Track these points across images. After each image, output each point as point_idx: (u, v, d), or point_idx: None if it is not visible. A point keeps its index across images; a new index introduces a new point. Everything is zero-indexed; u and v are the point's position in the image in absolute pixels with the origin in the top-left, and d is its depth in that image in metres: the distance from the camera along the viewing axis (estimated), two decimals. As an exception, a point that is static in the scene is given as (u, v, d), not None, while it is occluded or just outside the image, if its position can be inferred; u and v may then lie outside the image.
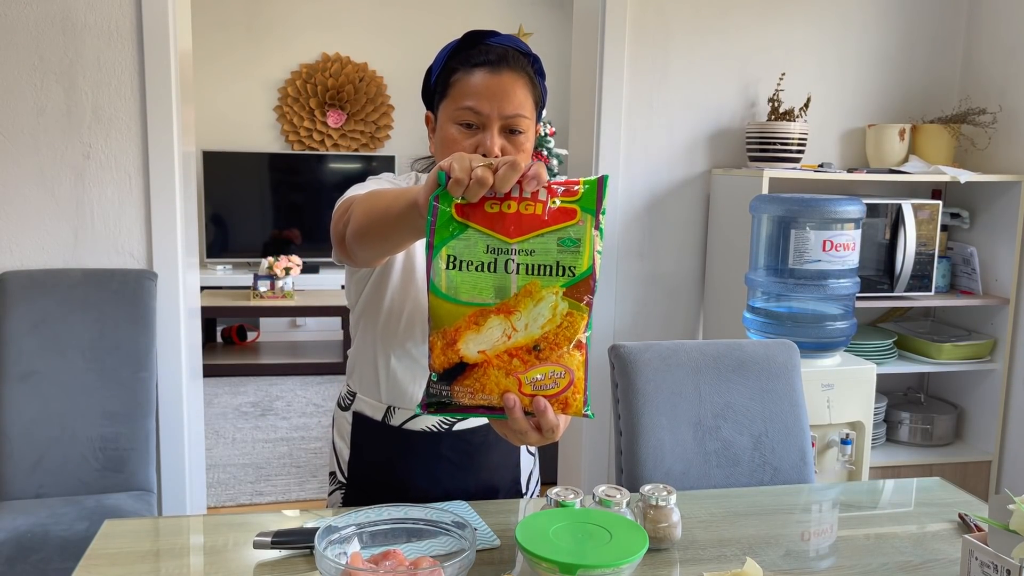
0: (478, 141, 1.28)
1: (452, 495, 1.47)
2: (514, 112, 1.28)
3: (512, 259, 0.90)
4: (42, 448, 2.27)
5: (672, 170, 2.94)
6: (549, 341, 0.91)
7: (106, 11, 2.43)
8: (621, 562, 1.10)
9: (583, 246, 0.89)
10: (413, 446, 1.43)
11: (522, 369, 0.92)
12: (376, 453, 1.45)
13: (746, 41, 2.94)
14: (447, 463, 1.44)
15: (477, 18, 5.98)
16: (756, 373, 1.85)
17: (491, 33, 1.33)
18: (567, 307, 0.90)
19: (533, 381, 0.92)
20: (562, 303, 0.90)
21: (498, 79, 1.26)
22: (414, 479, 1.44)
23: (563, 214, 0.90)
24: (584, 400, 0.93)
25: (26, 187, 2.45)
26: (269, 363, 5.28)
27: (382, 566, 1.10)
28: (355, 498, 1.49)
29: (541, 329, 0.91)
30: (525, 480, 1.57)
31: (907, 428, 3.04)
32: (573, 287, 0.89)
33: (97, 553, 1.25)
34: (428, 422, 1.43)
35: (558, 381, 0.92)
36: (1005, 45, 2.95)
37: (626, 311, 2.96)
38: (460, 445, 1.44)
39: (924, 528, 1.43)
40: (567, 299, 0.90)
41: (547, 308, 0.90)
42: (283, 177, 5.77)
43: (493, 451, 1.48)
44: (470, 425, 1.45)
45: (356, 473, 1.48)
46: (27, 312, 2.33)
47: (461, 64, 1.29)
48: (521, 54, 1.32)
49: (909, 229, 2.78)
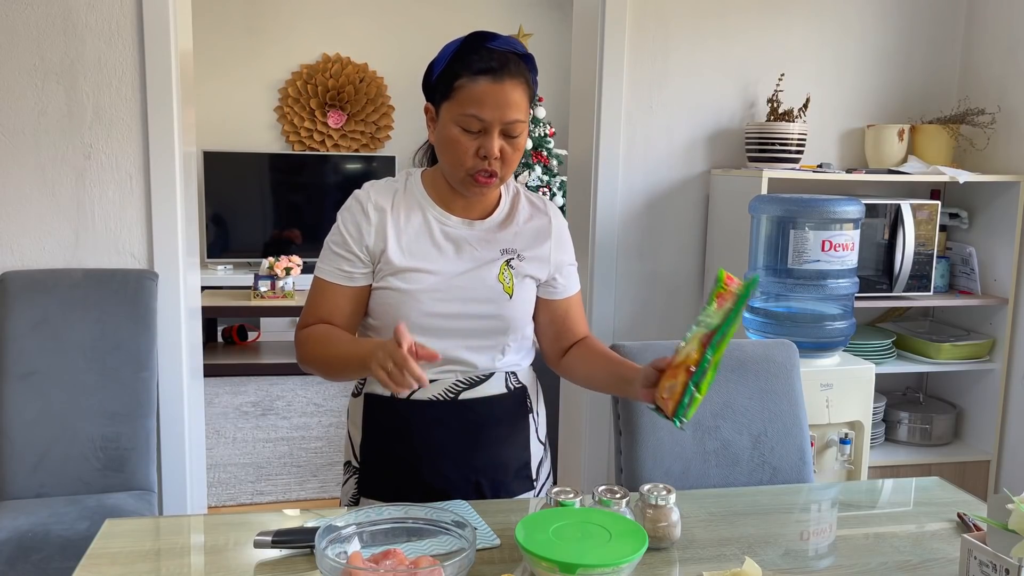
0: (479, 144, 1.39)
1: (461, 468, 1.51)
2: (513, 118, 1.38)
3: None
4: (43, 448, 2.27)
5: (671, 170, 2.94)
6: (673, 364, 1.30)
7: (107, 12, 2.43)
8: (621, 561, 1.10)
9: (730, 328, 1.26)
10: (422, 416, 1.49)
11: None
12: (387, 429, 1.52)
13: (745, 41, 2.94)
14: (454, 433, 1.50)
15: (477, 18, 5.98)
16: (755, 373, 1.86)
17: (493, 36, 1.41)
18: (696, 346, 1.28)
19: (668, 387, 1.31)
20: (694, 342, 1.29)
21: (500, 87, 1.37)
22: (423, 451, 1.50)
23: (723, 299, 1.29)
24: (673, 409, 1.28)
25: (27, 187, 2.46)
26: (270, 363, 5.28)
27: (382, 565, 1.10)
28: (368, 479, 1.54)
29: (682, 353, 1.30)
30: (535, 466, 1.60)
31: (906, 428, 3.04)
32: (707, 335, 1.27)
33: (98, 552, 1.26)
34: (433, 391, 1.49)
35: (672, 390, 1.29)
36: (1004, 45, 2.96)
37: (626, 311, 2.96)
38: (466, 414, 1.50)
39: (923, 527, 1.43)
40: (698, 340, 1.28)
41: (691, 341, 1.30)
42: (283, 177, 5.77)
43: (500, 427, 1.54)
44: (474, 395, 1.50)
45: (368, 453, 1.54)
46: (28, 312, 2.33)
47: (465, 69, 1.38)
48: (519, 57, 1.41)
49: (908, 229, 2.78)
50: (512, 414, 1.55)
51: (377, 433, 1.53)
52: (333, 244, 1.49)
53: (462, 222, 1.49)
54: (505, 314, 1.48)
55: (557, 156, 5.53)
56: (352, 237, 1.47)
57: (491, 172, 1.40)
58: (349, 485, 1.57)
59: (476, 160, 1.39)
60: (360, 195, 1.49)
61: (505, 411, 1.54)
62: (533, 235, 1.53)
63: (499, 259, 1.49)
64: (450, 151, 1.40)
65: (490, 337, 1.49)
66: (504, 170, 1.41)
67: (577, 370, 1.58)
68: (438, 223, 1.48)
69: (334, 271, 1.48)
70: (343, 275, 1.48)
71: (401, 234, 1.46)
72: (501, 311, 1.47)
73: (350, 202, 1.49)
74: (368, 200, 1.47)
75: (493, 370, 1.52)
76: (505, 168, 1.41)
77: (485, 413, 1.52)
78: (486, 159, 1.38)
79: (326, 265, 1.49)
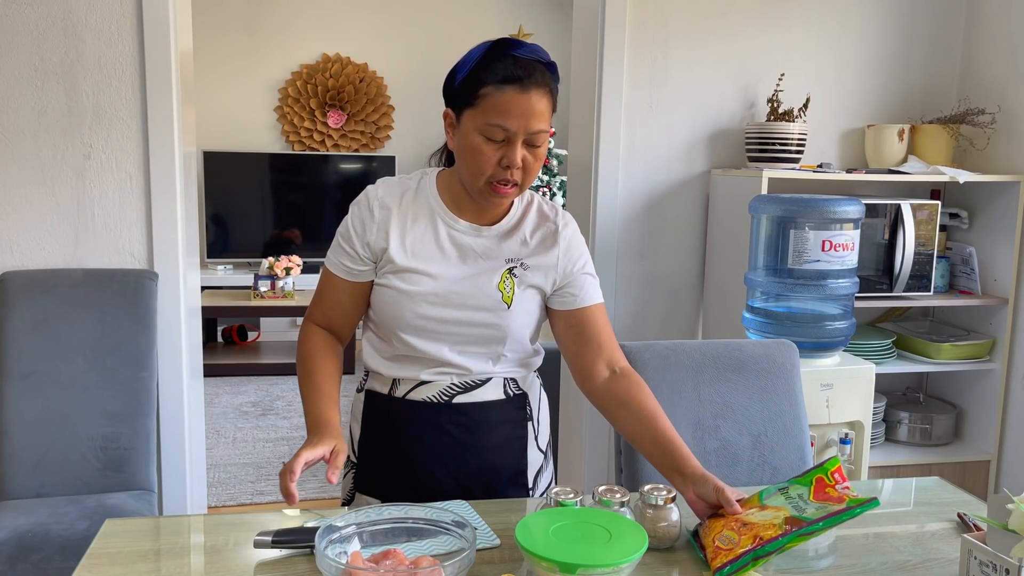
0: (503, 153, 1.37)
1: (453, 472, 1.50)
2: (537, 128, 1.36)
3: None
4: (43, 448, 2.27)
5: (672, 170, 2.94)
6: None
7: (107, 11, 2.43)
8: (621, 562, 1.10)
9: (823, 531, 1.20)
10: (417, 417, 1.49)
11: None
12: (384, 427, 1.52)
13: (745, 42, 2.94)
14: (448, 436, 1.49)
15: (477, 19, 5.99)
16: (755, 373, 1.86)
17: (519, 43, 1.38)
18: (777, 517, 1.24)
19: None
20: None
21: (527, 98, 1.34)
22: (418, 452, 1.50)
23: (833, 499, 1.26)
24: (720, 565, 1.20)
25: (27, 187, 2.46)
26: (270, 363, 5.29)
27: (382, 565, 1.10)
28: (364, 475, 1.55)
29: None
30: (533, 476, 1.57)
31: (906, 428, 3.04)
32: (795, 519, 1.21)
33: (98, 552, 1.26)
34: (429, 392, 1.49)
35: (730, 542, 1.23)
36: (1004, 45, 2.96)
37: (626, 311, 2.96)
38: (459, 419, 1.50)
39: (923, 527, 1.43)
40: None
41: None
42: (283, 177, 5.77)
43: (494, 433, 1.52)
44: (469, 399, 1.50)
45: (366, 449, 1.55)
46: (28, 312, 2.33)
47: (490, 77, 1.35)
48: (544, 66, 1.38)
49: (908, 229, 2.78)
50: (509, 420, 1.53)
51: (374, 430, 1.54)
52: (340, 237, 1.50)
53: (470, 227, 1.47)
54: (502, 323, 1.46)
55: (557, 156, 5.53)
56: (356, 233, 1.47)
57: (512, 182, 1.38)
58: (347, 480, 1.59)
59: (497, 169, 1.37)
60: (369, 191, 1.49)
61: (501, 417, 1.52)
62: (539, 243, 1.50)
63: (502, 267, 1.47)
64: (472, 159, 1.38)
65: (485, 344, 1.47)
66: (524, 179, 1.40)
67: (619, 420, 1.48)
68: (445, 226, 1.47)
69: (337, 264, 1.50)
70: (344, 269, 1.49)
71: (406, 234, 1.46)
72: (498, 319, 1.46)
73: (360, 197, 1.50)
74: (375, 197, 1.47)
75: (490, 375, 1.50)
76: (526, 178, 1.39)
77: (479, 418, 1.50)
78: (508, 168, 1.36)
79: (332, 256, 1.51)
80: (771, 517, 1.22)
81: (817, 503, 1.23)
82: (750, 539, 1.19)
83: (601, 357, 1.52)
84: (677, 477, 1.36)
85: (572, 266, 1.52)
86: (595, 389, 1.52)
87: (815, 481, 1.28)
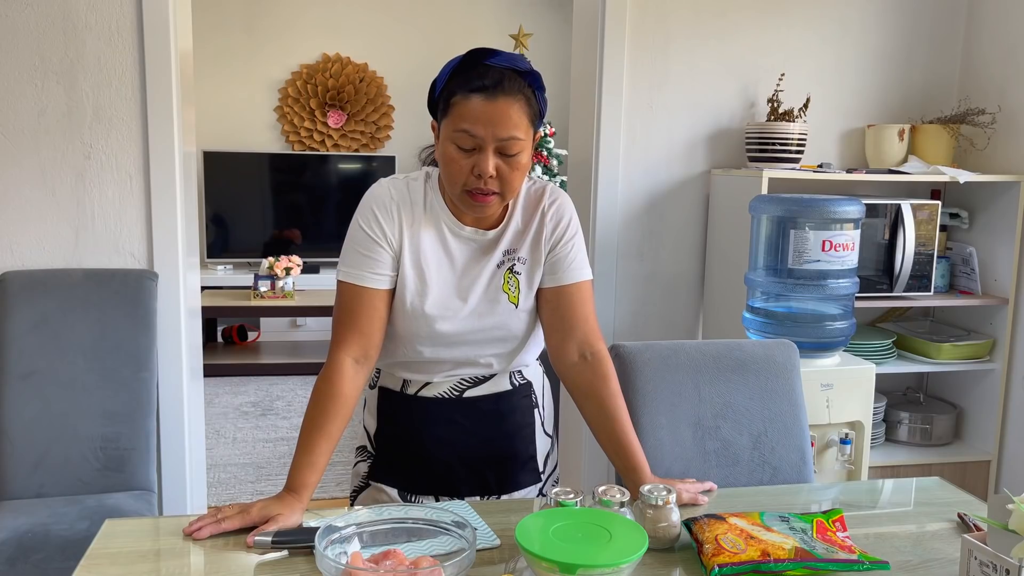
0: (474, 162, 1.36)
1: (467, 462, 1.55)
2: (508, 135, 1.35)
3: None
4: (43, 448, 2.27)
5: (672, 170, 2.94)
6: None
7: (107, 11, 2.43)
8: (621, 562, 1.10)
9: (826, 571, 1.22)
10: (430, 412, 1.54)
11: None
12: (399, 422, 1.56)
13: (745, 42, 2.94)
14: (461, 428, 1.54)
15: (477, 19, 5.98)
16: (755, 373, 1.86)
17: (493, 52, 1.38)
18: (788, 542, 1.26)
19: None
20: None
21: (493, 105, 1.34)
22: (433, 444, 1.54)
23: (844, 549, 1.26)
24: (719, 564, 1.20)
25: (27, 187, 2.46)
26: (270, 363, 5.29)
27: (382, 566, 1.10)
28: (382, 466, 1.58)
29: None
30: (542, 459, 1.63)
31: (906, 428, 3.04)
32: (804, 551, 1.22)
33: (98, 553, 1.26)
34: (439, 389, 1.53)
35: (735, 546, 1.24)
36: (1004, 45, 2.95)
37: (626, 311, 2.96)
38: (471, 412, 1.54)
39: (923, 528, 1.43)
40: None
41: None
42: (283, 177, 5.77)
43: (505, 422, 1.57)
44: (479, 392, 1.55)
45: (383, 443, 1.59)
46: (28, 312, 2.33)
47: (460, 87, 1.36)
48: (518, 74, 1.37)
49: (908, 229, 2.78)
50: (517, 409, 1.58)
51: (390, 425, 1.57)
52: (359, 247, 1.44)
53: (475, 232, 1.48)
54: (511, 323, 1.49)
55: (557, 156, 5.53)
56: (377, 235, 1.44)
57: (489, 191, 1.37)
58: (360, 467, 1.62)
59: (471, 178, 1.36)
60: (383, 195, 1.46)
61: (510, 406, 1.57)
62: (527, 225, 1.50)
63: (503, 266, 1.49)
64: (447, 168, 1.39)
65: (498, 345, 1.51)
66: (504, 188, 1.38)
67: (582, 409, 1.52)
68: (451, 232, 1.48)
69: (368, 275, 1.44)
70: (377, 278, 1.44)
71: (416, 238, 1.46)
72: (508, 322, 1.49)
73: (371, 202, 1.46)
74: (391, 199, 1.46)
75: (498, 370, 1.55)
76: (504, 187, 1.38)
77: (490, 409, 1.55)
78: (480, 177, 1.36)
79: (353, 271, 1.44)
80: (780, 540, 1.25)
81: (824, 544, 1.26)
82: (757, 552, 1.21)
83: (572, 339, 1.51)
84: (629, 482, 1.45)
85: (556, 234, 1.51)
86: (563, 371, 1.54)
87: (816, 523, 1.31)
